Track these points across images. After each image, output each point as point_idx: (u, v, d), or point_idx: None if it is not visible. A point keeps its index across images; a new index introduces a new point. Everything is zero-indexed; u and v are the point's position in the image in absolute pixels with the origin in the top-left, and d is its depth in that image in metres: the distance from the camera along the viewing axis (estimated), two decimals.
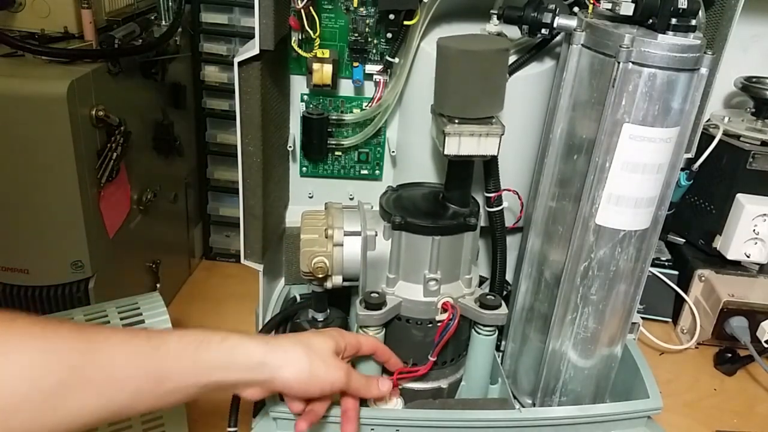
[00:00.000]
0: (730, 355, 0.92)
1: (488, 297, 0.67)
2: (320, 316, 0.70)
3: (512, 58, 0.68)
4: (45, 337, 0.43)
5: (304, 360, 0.54)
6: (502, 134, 0.62)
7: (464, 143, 0.61)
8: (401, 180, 0.74)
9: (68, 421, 0.43)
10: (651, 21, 0.55)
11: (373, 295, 0.65)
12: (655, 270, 0.98)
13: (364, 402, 0.62)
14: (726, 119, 0.98)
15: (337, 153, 0.77)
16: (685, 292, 0.98)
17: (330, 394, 0.57)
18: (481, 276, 0.74)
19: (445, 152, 0.61)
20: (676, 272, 0.99)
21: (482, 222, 0.71)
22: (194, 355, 0.48)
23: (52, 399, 0.42)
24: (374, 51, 0.71)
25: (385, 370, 0.68)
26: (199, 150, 1.05)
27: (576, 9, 0.64)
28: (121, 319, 0.65)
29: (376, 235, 0.65)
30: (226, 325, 0.53)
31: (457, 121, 0.61)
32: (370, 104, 0.74)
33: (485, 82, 0.60)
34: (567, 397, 0.70)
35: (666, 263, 1.00)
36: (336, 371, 0.56)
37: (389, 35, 0.69)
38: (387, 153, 0.77)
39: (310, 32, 0.67)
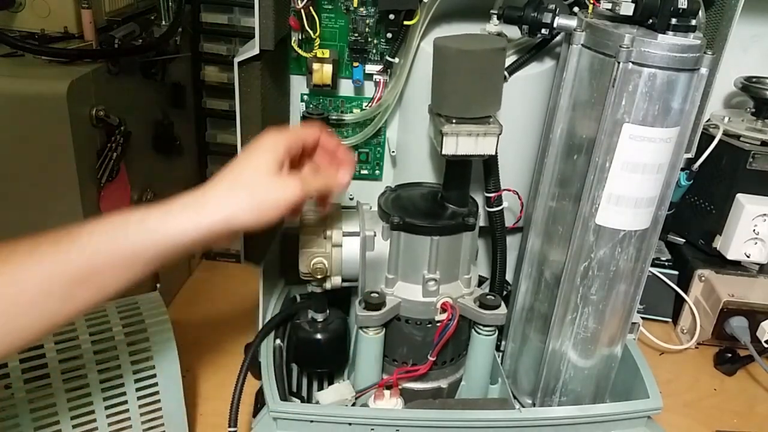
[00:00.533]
0: (730, 355, 0.92)
1: (488, 297, 0.67)
2: (320, 317, 0.71)
3: (512, 58, 0.68)
4: None
5: (245, 200, 0.50)
6: (500, 134, 0.61)
7: (462, 143, 0.61)
8: (401, 180, 0.74)
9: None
10: (651, 21, 0.55)
11: (372, 295, 0.65)
12: (655, 270, 0.97)
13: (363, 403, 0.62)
14: (726, 119, 0.97)
15: None
16: (685, 292, 0.98)
17: (293, 208, 0.52)
18: (481, 276, 0.74)
19: (443, 152, 0.61)
20: (676, 272, 0.99)
21: (482, 222, 0.71)
22: (113, 248, 0.46)
23: None
24: (374, 51, 0.71)
25: (386, 369, 0.68)
26: (199, 150, 1.05)
27: (576, 9, 0.64)
28: (121, 319, 0.65)
29: (375, 235, 0.65)
30: (226, 325, 0.52)
31: (454, 120, 0.61)
32: (370, 104, 0.74)
33: (482, 82, 0.60)
34: (567, 397, 0.70)
35: (666, 263, 1.00)
36: (284, 190, 0.51)
37: (389, 35, 0.69)
38: (387, 153, 0.77)
39: (310, 32, 0.67)
